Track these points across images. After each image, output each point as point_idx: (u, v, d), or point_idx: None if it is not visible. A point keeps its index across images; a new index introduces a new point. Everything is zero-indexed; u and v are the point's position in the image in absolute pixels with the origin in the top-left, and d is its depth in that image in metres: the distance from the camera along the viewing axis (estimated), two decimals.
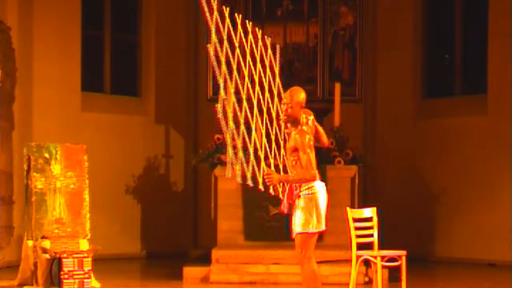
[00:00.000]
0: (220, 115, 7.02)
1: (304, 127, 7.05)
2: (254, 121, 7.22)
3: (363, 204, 10.42)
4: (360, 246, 8.39)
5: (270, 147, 7.30)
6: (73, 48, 13.28)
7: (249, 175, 7.05)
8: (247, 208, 11.11)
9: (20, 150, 11.03)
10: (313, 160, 6.97)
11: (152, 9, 14.35)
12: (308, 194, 6.97)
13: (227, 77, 7.10)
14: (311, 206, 6.96)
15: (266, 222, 10.90)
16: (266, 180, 6.97)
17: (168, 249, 13.68)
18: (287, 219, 7.28)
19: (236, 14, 7.21)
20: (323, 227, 7.03)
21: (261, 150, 7.20)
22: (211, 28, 7.02)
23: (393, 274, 9.47)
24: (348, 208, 8.51)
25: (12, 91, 12.37)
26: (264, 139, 7.24)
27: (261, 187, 7.14)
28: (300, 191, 6.98)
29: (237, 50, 7.16)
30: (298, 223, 6.97)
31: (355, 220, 8.42)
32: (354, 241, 8.33)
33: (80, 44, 13.37)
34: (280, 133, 7.37)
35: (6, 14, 12.40)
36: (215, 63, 7.05)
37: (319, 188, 7.02)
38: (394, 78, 14.21)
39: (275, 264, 10.67)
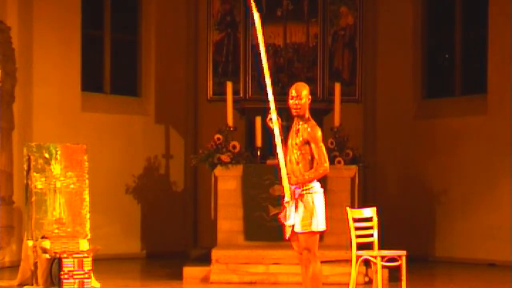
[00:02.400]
0: (277, 139, 6.96)
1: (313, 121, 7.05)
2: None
3: (363, 204, 10.42)
4: (360, 246, 8.39)
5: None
6: (73, 48, 13.27)
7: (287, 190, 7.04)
8: (247, 208, 11.10)
9: (20, 150, 11.03)
10: (326, 153, 7.00)
11: (152, 9, 14.34)
12: (310, 193, 6.98)
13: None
14: (313, 205, 6.98)
15: (266, 222, 10.88)
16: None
17: (168, 249, 13.67)
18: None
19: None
20: (324, 226, 7.06)
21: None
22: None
23: (393, 274, 9.47)
24: (348, 208, 8.51)
25: (12, 91, 12.36)
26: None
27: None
28: (302, 191, 6.99)
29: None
30: (301, 223, 6.98)
31: (355, 220, 8.42)
32: (354, 241, 8.33)
33: (80, 44, 13.36)
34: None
35: (6, 14, 12.39)
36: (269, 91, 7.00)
37: (319, 188, 7.05)
38: (394, 78, 14.20)
39: (275, 264, 10.67)
